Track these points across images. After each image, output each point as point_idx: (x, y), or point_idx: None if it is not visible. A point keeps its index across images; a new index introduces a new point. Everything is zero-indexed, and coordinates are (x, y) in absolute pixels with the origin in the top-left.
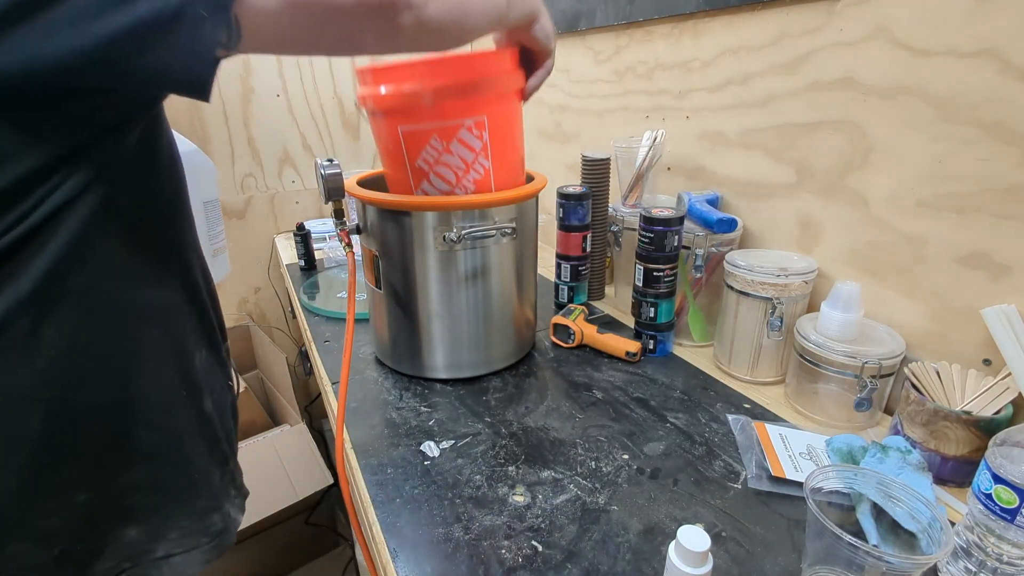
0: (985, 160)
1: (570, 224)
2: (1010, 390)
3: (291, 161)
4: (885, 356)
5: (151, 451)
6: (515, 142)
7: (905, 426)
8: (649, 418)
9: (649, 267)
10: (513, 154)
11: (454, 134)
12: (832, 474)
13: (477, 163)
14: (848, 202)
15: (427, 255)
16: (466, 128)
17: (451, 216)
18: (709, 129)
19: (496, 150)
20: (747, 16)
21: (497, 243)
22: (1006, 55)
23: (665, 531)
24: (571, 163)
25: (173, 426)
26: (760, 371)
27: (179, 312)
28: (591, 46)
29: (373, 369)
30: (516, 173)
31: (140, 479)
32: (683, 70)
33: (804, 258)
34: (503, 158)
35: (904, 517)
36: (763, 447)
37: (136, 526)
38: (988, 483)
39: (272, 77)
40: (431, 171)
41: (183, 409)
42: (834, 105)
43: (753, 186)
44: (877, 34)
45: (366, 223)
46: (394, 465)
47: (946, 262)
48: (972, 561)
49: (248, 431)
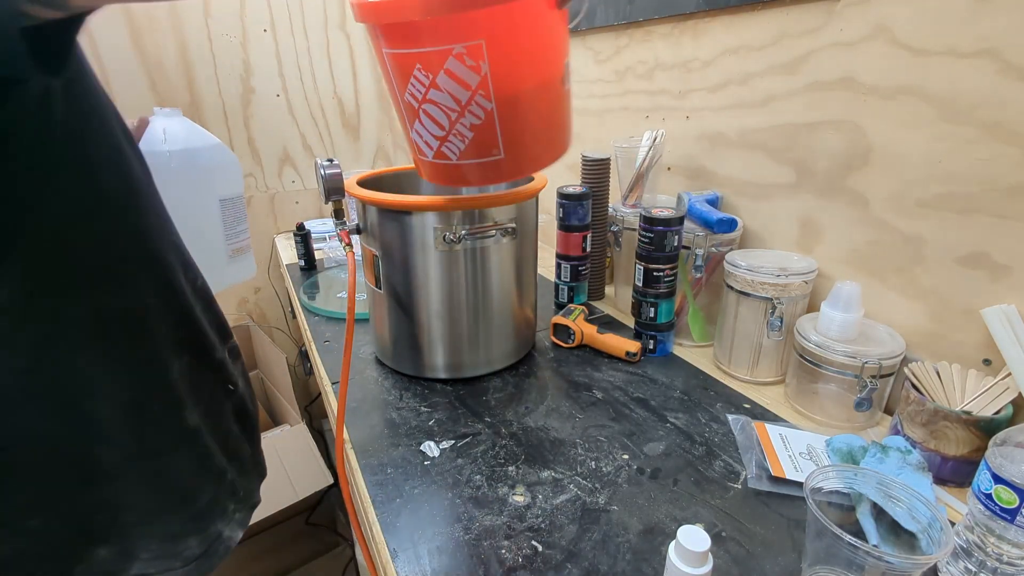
0: (985, 160)
1: (570, 224)
2: (1010, 390)
3: (291, 161)
4: (885, 356)
5: (112, 471)
6: (541, 74)
7: (905, 426)
8: (649, 418)
9: (649, 267)
10: (539, 96)
11: (440, 64)
12: (832, 474)
13: (474, 103)
14: (848, 202)
15: (427, 255)
16: (455, 56)
17: (451, 216)
18: (709, 129)
19: (504, 86)
20: (747, 16)
21: (497, 243)
22: (1006, 55)
23: (665, 531)
24: (571, 163)
25: (140, 444)
26: (760, 371)
27: (149, 318)
28: (591, 46)
29: (373, 369)
30: (546, 126)
31: (103, 499)
32: (683, 70)
33: (804, 258)
34: (517, 99)
35: (904, 517)
36: (763, 447)
37: (106, 546)
38: (988, 483)
39: (272, 77)
40: (419, 108)
41: (153, 425)
42: (834, 105)
43: (753, 186)
44: (877, 34)
45: (366, 223)
46: (394, 465)
47: (946, 262)
48: (972, 561)
49: None
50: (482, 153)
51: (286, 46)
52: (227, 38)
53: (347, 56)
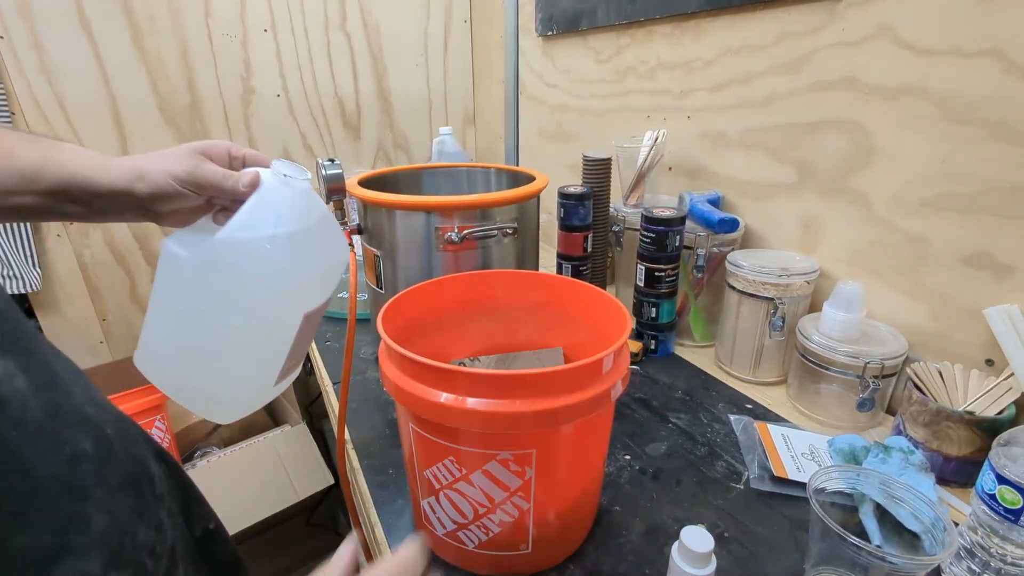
0: (989, 160)
1: (571, 224)
2: (1013, 390)
3: (292, 161)
4: (887, 356)
5: None
6: (584, 471)
7: (908, 426)
8: (651, 418)
9: (651, 267)
10: (575, 486)
11: (479, 464)
12: (835, 475)
13: (509, 503)
14: (850, 202)
15: (429, 255)
16: (498, 461)
17: (453, 216)
18: (711, 129)
19: (547, 488)
20: (749, 16)
21: (498, 243)
22: (1010, 54)
23: (668, 532)
24: (572, 163)
25: None
26: (762, 371)
27: None
28: (592, 46)
29: (374, 370)
30: (583, 515)
31: None
32: (685, 70)
33: (806, 258)
34: (559, 496)
35: (907, 518)
36: (765, 447)
37: None
38: (992, 484)
39: (273, 77)
40: (440, 491)
41: None
42: (836, 105)
43: (755, 186)
44: (880, 34)
45: (367, 223)
46: (396, 466)
47: (949, 262)
48: (976, 562)
49: (248, 431)
50: (505, 548)
51: (287, 46)
52: (227, 38)
53: (347, 56)
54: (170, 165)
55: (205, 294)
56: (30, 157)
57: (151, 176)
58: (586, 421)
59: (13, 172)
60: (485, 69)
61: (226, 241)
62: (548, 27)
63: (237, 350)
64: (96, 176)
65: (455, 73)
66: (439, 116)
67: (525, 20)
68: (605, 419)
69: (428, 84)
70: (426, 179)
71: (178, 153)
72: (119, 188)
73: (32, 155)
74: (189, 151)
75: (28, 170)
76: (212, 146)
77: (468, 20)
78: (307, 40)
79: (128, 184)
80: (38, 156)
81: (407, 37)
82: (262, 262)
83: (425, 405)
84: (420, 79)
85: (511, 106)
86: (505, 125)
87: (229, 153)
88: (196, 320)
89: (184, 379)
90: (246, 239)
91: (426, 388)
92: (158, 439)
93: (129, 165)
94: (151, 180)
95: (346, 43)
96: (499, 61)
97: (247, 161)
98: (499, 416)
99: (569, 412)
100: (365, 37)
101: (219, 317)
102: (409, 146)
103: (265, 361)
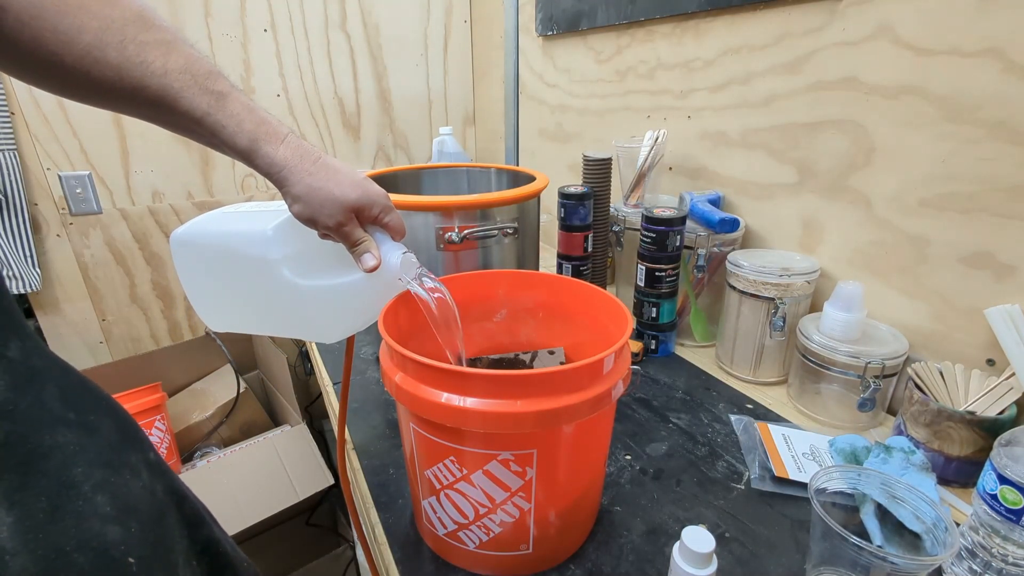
0: (989, 160)
1: (571, 224)
2: (1014, 390)
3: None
4: (888, 356)
5: None
6: (585, 471)
7: (908, 426)
8: (651, 418)
9: (651, 267)
10: (576, 486)
11: (480, 464)
12: (836, 475)
13: (510, 503)
14: (851, 202)
15: (429, 255)
16: (499, 461)
17: (453, 216)
18: (711, 129)
19: (547, 488)
20: (749, 16)
21: (499, 243)
22: (1010, 54)
23: (668, 532)
24: (572, 163)
25: None
26: (762, 371)
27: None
28: (592, 46)
29: (374, 370)
30: (585, 516)
31: None
32: (685, 70)
33: (807, 258)
34: (559, 496)
35: (908, 518)
36: (766, 447)
37: None
38: (993, 484)
39: (273, 77)
40: (441, 491)
41: None
42: (837, 105)
43: (755, 186)
44: (880, 34)
45: None
46: (396, 466)
47: (949, 262)
48: (977, 562)
49: (248, 431)
50: (506, 548)
51: (286, 46)
52: (227, 38)
53: (347, 56)
54: (324, 213)
55: (277, 295)
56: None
57: (301, 208)
58: (587, 421)
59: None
60: (485, 69)
61: (316, 289)
62: (548, 27)
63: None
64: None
65: (455, 73)
66: (439, 116)
67: (525, 20)
68: (606, 419)
69: (428, 84)
70: (426, 179)
71: (339, 200)
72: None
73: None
74: (343, 208)
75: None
76: (369, 204)
77: (468, 20)
78: (307, 40)
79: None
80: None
81: (407, 37)
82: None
83: (426, 405)
84: (420, 79)
85: (511, 106)
86: (505, 125)
87: (380, 210)
88: (262, 301)
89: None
90: (333, 297)
91: (427, 388)
92: (158, 439)
93: (306, 183)
94: (297, 209)
95: (346, 43)
96: (499, 61)
97: (387, 226)
98: (500, 416)
99: (570, 412)
100: (365, 37)
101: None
102: (409, 146)
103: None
